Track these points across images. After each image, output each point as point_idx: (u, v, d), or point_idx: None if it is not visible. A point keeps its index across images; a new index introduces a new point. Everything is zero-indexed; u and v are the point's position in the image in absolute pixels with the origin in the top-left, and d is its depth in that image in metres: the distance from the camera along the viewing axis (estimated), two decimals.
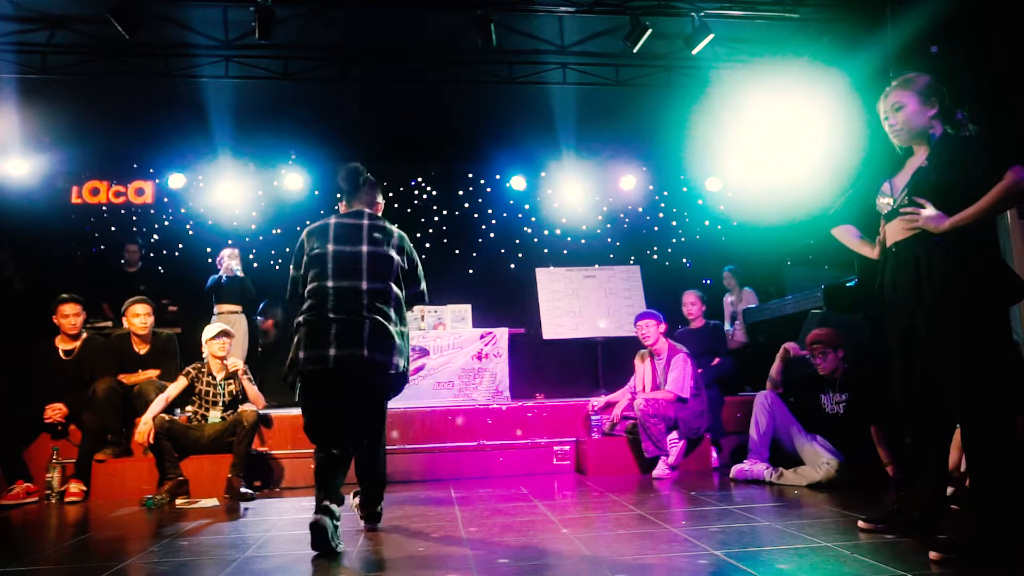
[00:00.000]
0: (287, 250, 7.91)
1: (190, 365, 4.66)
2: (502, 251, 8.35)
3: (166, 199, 7.93)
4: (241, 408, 4.47)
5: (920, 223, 2.48)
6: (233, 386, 4.62)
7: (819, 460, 3.95)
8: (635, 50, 6.25)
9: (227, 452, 4.31)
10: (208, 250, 7.54)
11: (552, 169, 8.36)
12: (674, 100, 7.42)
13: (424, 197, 8.44)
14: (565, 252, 8.33)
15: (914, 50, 5.03)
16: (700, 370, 5.01)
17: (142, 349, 4.91)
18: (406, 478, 4.79)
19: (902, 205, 2.57)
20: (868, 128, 4.65)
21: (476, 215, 8.46)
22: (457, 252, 8.26)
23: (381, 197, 3.24)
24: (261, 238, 7.99)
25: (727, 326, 6.75)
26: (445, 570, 2.41)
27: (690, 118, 7.55)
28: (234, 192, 7.75)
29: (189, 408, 4.58)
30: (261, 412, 4.58)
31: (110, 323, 6.20)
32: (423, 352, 5.90)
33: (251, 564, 2.59)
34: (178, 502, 4.12)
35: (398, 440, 4.94)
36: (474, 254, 8.30)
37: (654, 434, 4.51)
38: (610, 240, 8.51)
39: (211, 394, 4.58)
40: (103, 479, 4.43)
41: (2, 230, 7.12)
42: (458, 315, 6.44)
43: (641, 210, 8.59)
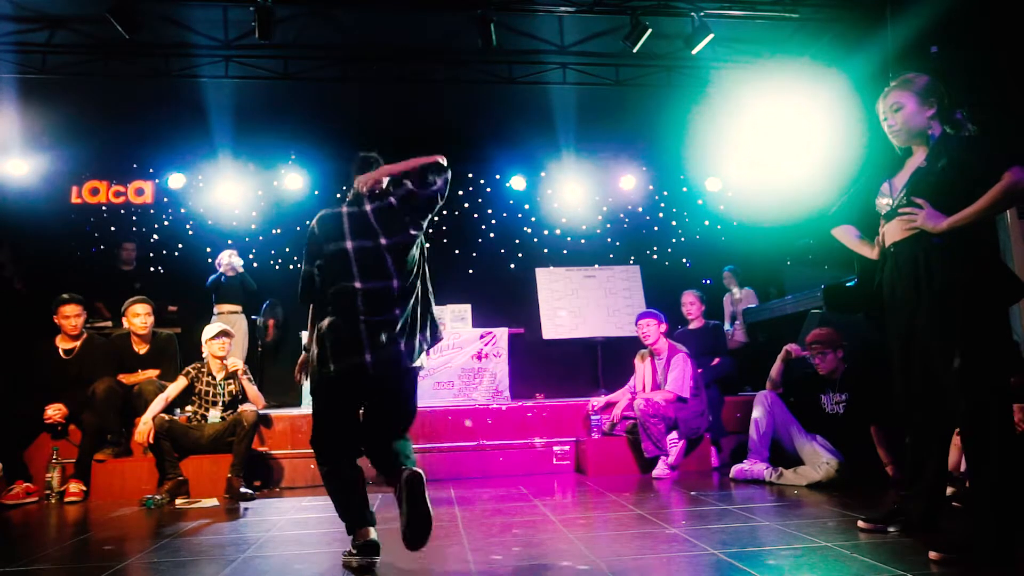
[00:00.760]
0: (287, 250, 7.93)
1: (190, 365, 4.66)
2: (502, 251, 8.35)
3: (166, 199, 7.93)
4: (241, 408, 4.47)
5: (918, 223, 2.48)
6: (233, 386, 4.62)
7: (819, 460, 3.95)
8: (635, 50, 6.25)
9: (227, 452, 4.31)
10: (208, 250, 7.53)
11: (552, 169, 8.36)
12: (674, 100, 7.42)
13: None
14: (565, 252, 8.33)
15: (914, 50, 5.04)
16: (700, 370, 5.01)
17: (142, 349, 4.91)
18: None
19: (901, 205, 2.57)
20: (868, 128, 4.65)
21: (476, 215, 8.46)
22: (457, 252, 8.26)
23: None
24: (261, 238, 7.98)
25: (727, 326, 6.75)
26: (445, 570, 2.41)
27: (690, 118, 7.55)
28: (234, 192, 7.75)
29: (189, 408, 4.58)
30: (261, 412, 4.58)
31: (110, 323, 6.20)
32: None
33: (251, 564, 2.59)
34: (178, 502, 4.12)
35: None
36: (474, 254, 8.30)
37: (654, 434, 4.51)
38: (610, 240, 8.51)
39: (211, 394, 4.58)
40: (103, 479, 4.43)
41: (2, 230, 7.11)
42: (458, 315, 6.44)
43: (641, 210, 8.58)
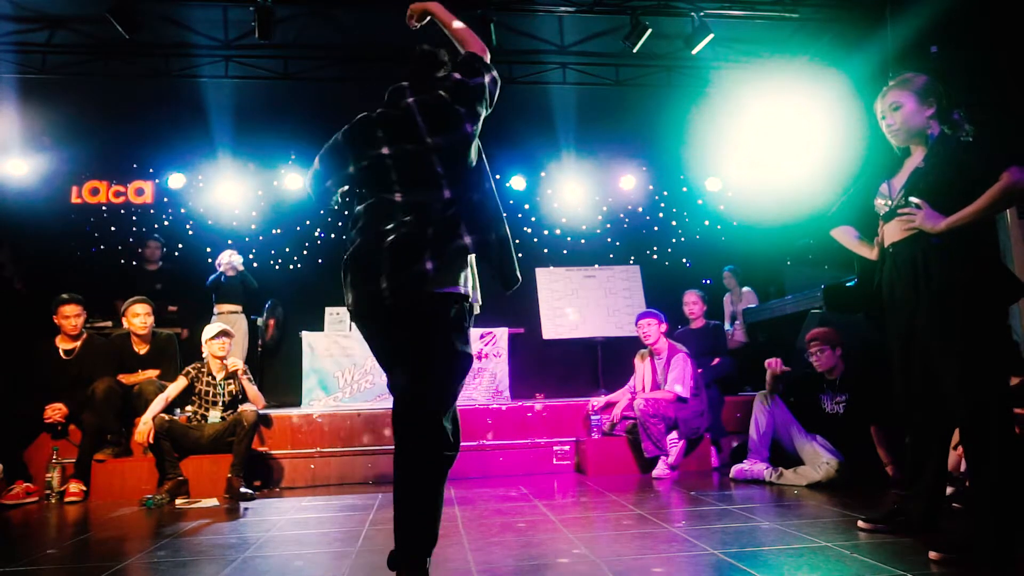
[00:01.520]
0: (287, 250, 7.92)
1: (190, 365, 4.66)
2: None
3: (166, 199, 7.92)
4: (241, 408, 4.47)
5: (917, 223, 2.48)
6: (233, 386, 4.62)
7: (819, 460, 3.95)
8: (635, 50, 6.26)
9: (227, 452, 4.31)
10: (208, 250, 7.53)
11: (552, 169, 8.36)
12: (674, 100, 7.42)
13: None
14: (565, 252, 8.33)
15: (914, 50, 5.04)
16: (700, 370, 5.01)
17: (142, 349, 4.91)
18: None
19: (899, 206, 2.57)
20: (868, 128, 4.65)
21: None
22: None
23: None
24: (261, 238, 7.98)
25: (727, 326, 6.75)
26: (445, 570, 2.41)
27: (690, 118, 7.55)
28: (234, 192, 7.74)
29: (189, 408, 4.58)
30: (261, 412, 4.58)
31: (110, 323, 6.19)
32: None
33: (251, 564, 2.59)
34: (178, 502, 4.12)
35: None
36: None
37: (654, 434, 4.51)
38: (610, 240, 8.51)
39: (211, 394, 4.58)
40: (103, 479, 4.43)
41: (2, 230, 7.11)
42: None
43: (641, 210, 8.58)
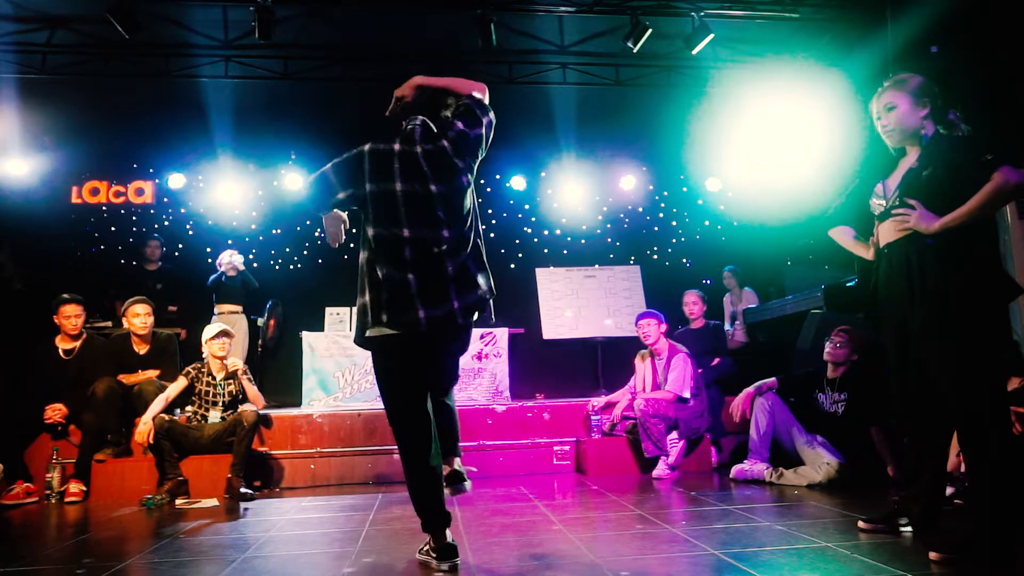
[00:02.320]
0: (287, 250, 7.92)
1: (190, 365, 4.66)
2: (502, 251, 8.33)
3: (166, 199, 7.92)
4: (241, 408, 4.47)
5: (911, 224, 2.49)
6: (233, 386, 4.63)
7: (819, 460, 3.95)
8: (635, 50, 6.25)
9: (227, 452, 4.31)
10: (208, 250, 7.53)
11: (552, 169, 8.35)
12: (674, 100, 7.42)
13: None
14: (565, 252, 8.32)
15: (914, 50, 5.04)
16: (700, 370, 5.01)
17: (142, 349, 4.91)
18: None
19: (894, 206, 2.57)
20: (867, 129, 4.67)
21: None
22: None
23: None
24: (261, 238, 7.98)
25: (727, 326, 6.75)
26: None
27: (690, 118, 7.55)
28: (234, 192, 7.74)
29: (189, 408, 4.58)
30: (261, 412, 4.58)
31: (110, 323, 6.19)
32: None
33: (251, 564, 2.59)
34: (178, 502, 4.12)
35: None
36: None
37: (654, 434, 4.51)
38: (610, 240, 8.51)
39: (211, 394, 4.58)
40: (103, 479, 4.43)
41: (2, 230, 7.11)
42: None
43: (641, 210, 8.58)
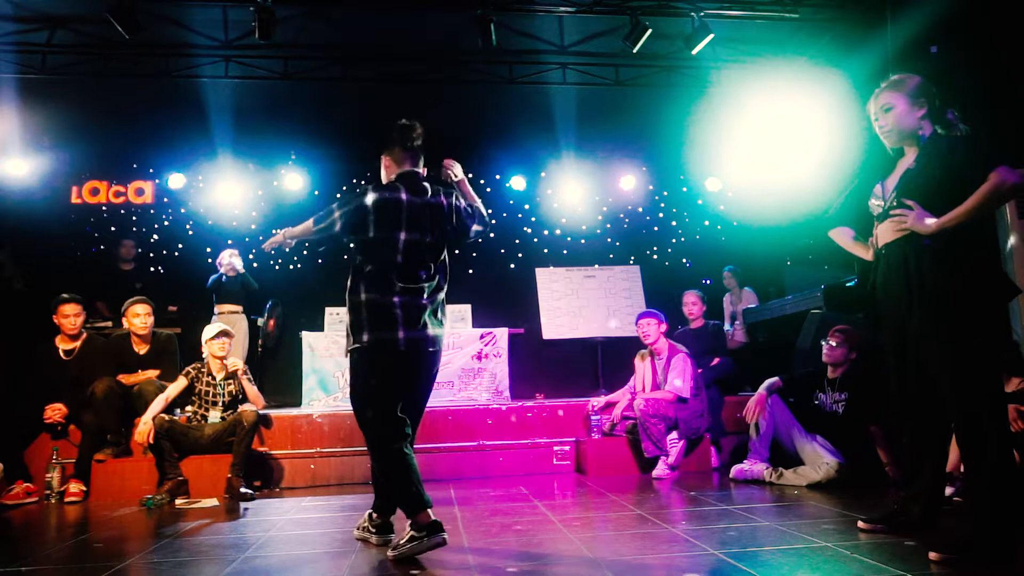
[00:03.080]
0: (287, 250, 7.89)
1: (190, 365, 4.66)
2: (502, 251, 8.34)
3: (166, 199, 7.93)
4: (241, 408, 4.47)
5: (908, 224, 2.49)
6: (233, 386, 4.63)
7: (819, 460, 3.95)
8: (635, 50, 6.25)
9: (227, 452, 4.31)
10: (208, 250, 7.53)
11: (552, 169, 8.36)
12: (674, 100, 7.42)
13: None
14: (565, 252, 8.33)
15: (914, 50, 5.04)
16: (700, 370, 5.01)
17: (142, 349, 4.91)
18: None
19: (892, 207, 2.57)
20: (866, 129, 4.67)
21: None
22: (457, 252, 8.25)
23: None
24: (261, 238, 7.96)
25: (727, 326, 6.75)
26: (444, 571, 2.41)
27: (690, 118, 7.55)
28: (234, 192, 7.75)
29: (189, 408, 4.58)
30: (261, 412, 4.58)
31: (110, 323, 6.20)
32: None
33: (251, 564, 2.59)
34: (178, 502, 4.12)
35: None
36: (474, 254, 8.29)
37: (654, 434, 4.51)
38: (610, 240, 8.51)
39: (211, 394, 4.58)
40: (103, 479, 4.43)
41: (2, 230, 7.11)
42: (458, 315, 6.44)
43: (641, 210, 8.58)
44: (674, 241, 8.58)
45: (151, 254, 7.73)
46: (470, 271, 8.20)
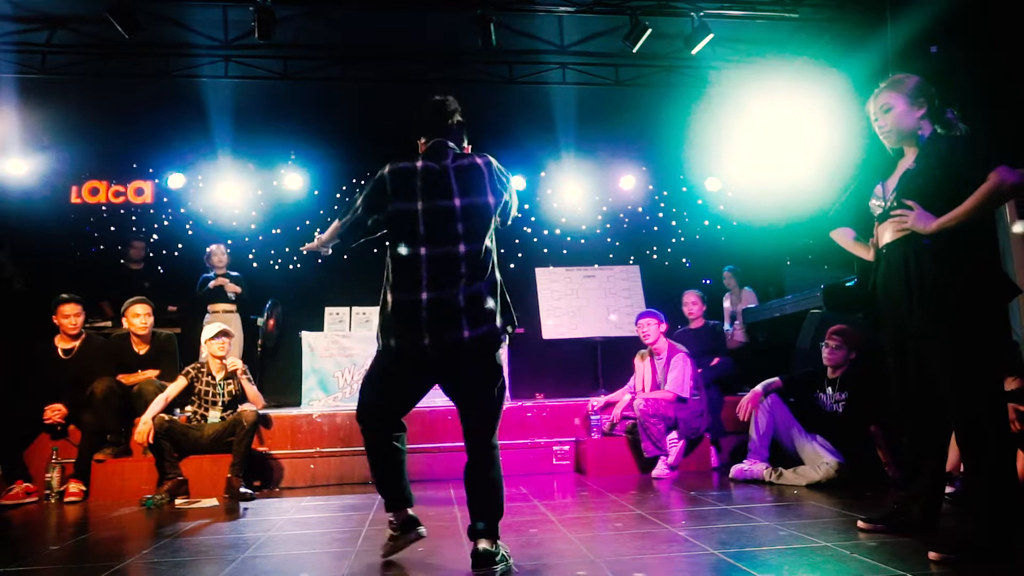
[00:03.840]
0: (287, 250, 7.92)
1: (189, 365, 4.66)
2: (502, 251, 8.23)
3: (166, 199, 7.92)
4: (241, 408, 4.47)
5: (908, 225, 2.49)
6: (232, 386, 4.62)
7: (819, 460, 3.95)
8: (635, 50, 6.25)
9: (227, 452, 4.31)
10: (208, 250, 7.53)
11: (552, 169, 8.35)
12: (674, 100, 7.41)
13: None
14: (565, 252, 8.32)
15: (914, 50, 5.04)
16: (700, 370, 5.01)
17: (142, 349, 4.91)
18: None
19: (892, 207, 2.58)
20: (866, 129, 4.68)
21: None
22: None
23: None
24: (261, 238, 7.98)
25: (727, 326, 6.75)
26: (444, 570, 2.41)
27: (690, 118, 7.54)
28: (234, 192, 7.74)
29: (189, 408, 4.58)
30: (260, 412, 4.58)
31: (110, 323, 6.19)
32: None
33: (251, 564, 2.59)
34: (178, 502, 4.12)
35: None
36: None
37: (654, 434, 4.51)
38: (610, 240, 8.51)
39: (210, 394, 4.58)
40: (103, 479, 4.43)
41: (2, 230, 7.11)
42: None
43: (641, 210, 8.58)
44: (674, 241, 8.58)
45: (151, 254, 7.72)
46: None
